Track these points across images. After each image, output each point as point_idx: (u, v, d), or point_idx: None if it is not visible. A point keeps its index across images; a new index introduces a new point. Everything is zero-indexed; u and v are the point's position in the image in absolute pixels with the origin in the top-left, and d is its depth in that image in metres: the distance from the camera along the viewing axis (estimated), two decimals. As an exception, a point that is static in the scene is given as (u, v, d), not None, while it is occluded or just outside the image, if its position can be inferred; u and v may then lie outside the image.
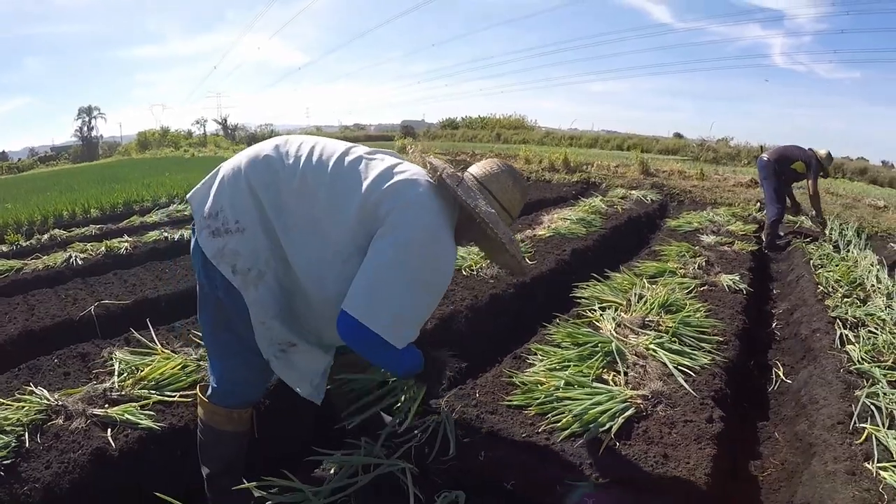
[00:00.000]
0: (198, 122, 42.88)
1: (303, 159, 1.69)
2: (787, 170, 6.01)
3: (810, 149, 6.08)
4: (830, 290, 4.03)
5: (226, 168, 1.74)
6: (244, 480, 1.73)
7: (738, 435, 2.52)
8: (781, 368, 3.17)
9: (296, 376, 1.82)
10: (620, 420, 2.05)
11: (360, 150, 1.77)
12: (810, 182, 5.93)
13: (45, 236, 7.47)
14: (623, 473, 1.81)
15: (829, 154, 6.13)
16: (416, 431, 2.00)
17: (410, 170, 1.73)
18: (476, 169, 1.83)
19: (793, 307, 4.10)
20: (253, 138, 30.73)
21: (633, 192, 7.72)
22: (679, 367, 2.45)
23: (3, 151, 51.08)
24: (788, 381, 3.03)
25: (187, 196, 1.78)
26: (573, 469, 1.84)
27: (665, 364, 2.46)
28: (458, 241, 1.80)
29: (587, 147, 20.48)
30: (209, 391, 1.92)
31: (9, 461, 2.22)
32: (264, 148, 1.74)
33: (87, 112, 53.21)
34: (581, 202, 6.99)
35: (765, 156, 6.18)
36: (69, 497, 2.19)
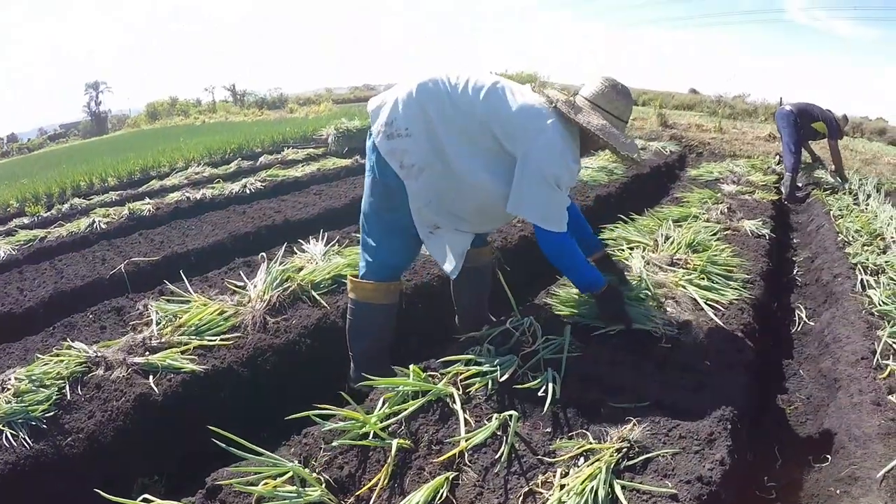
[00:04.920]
0: (206, 90, 42.39)
1: (462, 83, 2.15)
2: (807, 126, 6.03)
3: (828, 110, 6.15)
4: (851, 239, 4.05)
5: (400, 88, 2.20)
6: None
7: (765, 370, 2.57)
8: (804, 311, 3.21)
9: (440, 253, 2.32)
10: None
11: (505, 82, 2.22)
12: (832, 142, 6.06)
13: (66, 206, 7.39)
14: (662, 396, 1.85)
15: (845, 116, 6.31)
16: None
17: (539, 102, 2.16)
18: (585, 91, 2.23)
19: (814, 255, 4.12)
20: (263, 102, 29.99)
21: (652, 143, 7.63)
22: (707, 302, 2.49)
23: (13, 133, 50.61)
24: (811, 323, 3.08)
25: (368, 107, 2.28)
26: (615, 392, 1.89)
27: (695, 299, 2.50)
28: (586, 152, 2.29)
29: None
30: (363, 272, 2.40)
31: (51, 413, 2.19)
32: (434, 76, 2.19)
33: (94, 87, 52.75)
34: (600, 152, 6.88)
35: (787, 106, 6.15)
36: (113, 445, 2.16)
